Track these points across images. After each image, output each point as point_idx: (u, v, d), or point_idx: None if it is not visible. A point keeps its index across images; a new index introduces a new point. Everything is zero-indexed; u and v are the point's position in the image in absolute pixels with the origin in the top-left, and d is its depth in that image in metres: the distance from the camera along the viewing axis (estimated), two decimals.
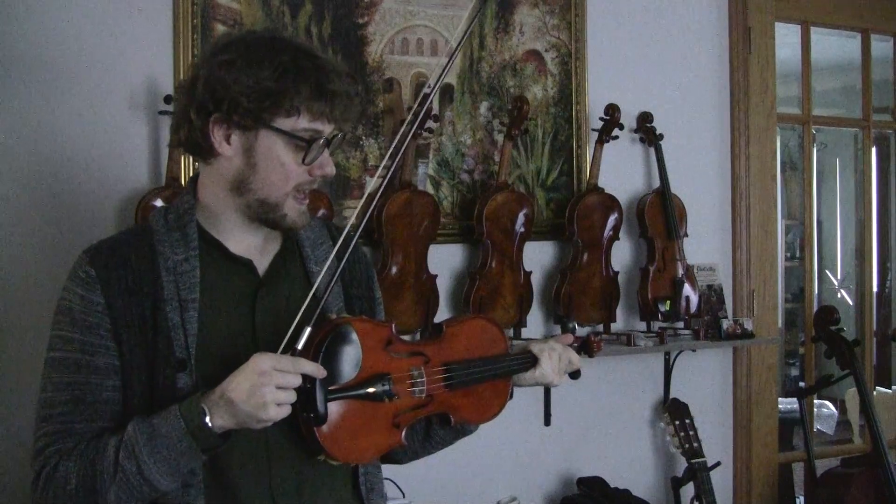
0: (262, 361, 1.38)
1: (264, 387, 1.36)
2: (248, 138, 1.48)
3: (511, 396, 1.77)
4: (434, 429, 1.71)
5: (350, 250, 1.51)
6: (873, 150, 4.01)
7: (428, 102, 1.74)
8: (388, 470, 2.63)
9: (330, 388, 1.44)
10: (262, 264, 1.58)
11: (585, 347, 1.87)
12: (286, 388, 1.38)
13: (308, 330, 1.42)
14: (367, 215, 1.57)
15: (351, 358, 1.47)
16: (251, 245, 1.57)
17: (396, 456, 1.76)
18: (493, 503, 2.84)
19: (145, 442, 1.39)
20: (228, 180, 1.52)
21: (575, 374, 1.84)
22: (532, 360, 1.75)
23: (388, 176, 1.63)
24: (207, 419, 1.38)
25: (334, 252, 1.54)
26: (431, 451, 1.77)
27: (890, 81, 4.00)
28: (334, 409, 1.45)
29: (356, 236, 1.53)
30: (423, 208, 2.74)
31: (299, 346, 1.42)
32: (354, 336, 1.48)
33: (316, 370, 1.41)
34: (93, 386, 1.46)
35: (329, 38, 2.73)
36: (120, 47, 2.47)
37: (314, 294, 1.50)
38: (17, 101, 2.39)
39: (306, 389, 1.41)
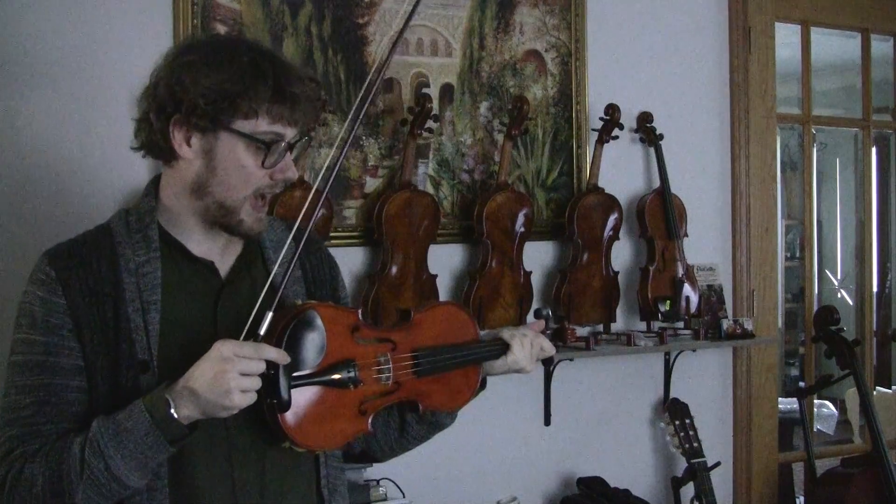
0: (224, 348, 1.37)
1: (227, 373, 1.35)
2: (208, 140, 1.48)
3: (483, 386, 1.75)
4: (409, 423, 1.71)
5: (302, 247, 1.49)
6: (873, 150, 4.01)
7: (380, 75, 1.68)
8: (388, 470, 2.64)
9: (294, 374, 1.42)
10: (223, 266, 1.57)
11: (559, 334, 1.85)
12: (250, 374, 1.37)
13: (270, 315, 1.41)
14: (316, 211, 1.54)
15: (315, 344, 1.45)
16: (213, 247, 1.56)
17: (373, 453, 1.76)
18: (492, 503, 2.84)
19: (111, 437, 1.38)
20: (188, 183, 1.51)
21: (547, 361, 1.82)
22: (503, 347, 1.73)
23: (342, 154, 1.60)
24: (172, 410, 1.37)
25: (284, 247, 1.54)
26: (408, 446, 1.76)
27: (890, 81, 4.00)
28: (298, 395, 1.44)
29: (309, 228, 1.51)
30: (423, 208, 2.74)
31: (262, 332, 1.41)
32: (319, 321, 1.46)
33: (279, 356, 1.39)
34: (58, 387, 1.45)
35: (329, 38, 2.73)
36: (120, 47, 2.47)
37: (273, 284, 1.49)
38: (15, 102, 2.39)
39: (269, 376, 1.39)
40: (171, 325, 1.49)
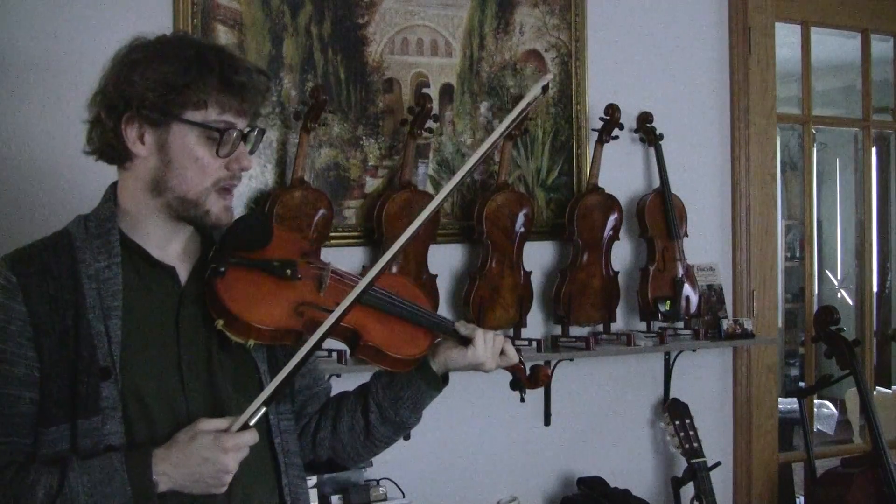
0: (222, 449, 1.41)
1: (229, 464, 1.42)
2: (161, 134, 1.48)
3: (446, 382, 1.74)
4: (373, 426, 1.71)
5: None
6: (873, 150, 4.01)
7: None
8: (388, 470, 2.65)
9: (236, 252, 1.54)
10: (183, 270, 1.57)
11: (533, 376, 1.82)
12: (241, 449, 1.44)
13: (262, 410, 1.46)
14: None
15: (258, 234, 1.58)
16: (173, 251, 1.57)
17: (340, 459, 1.75)
18: (492, 503, 2.84)
19: (85, 499, 1.38)
20: (146, 182, 1.51)
21: (516, 385, 1.79)
22: (459, 338, 1.72)
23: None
24: (156, 489, 1.40)
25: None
26: (374, 450, 1.76)
27: (890, 81, 4.01)
28: (237, 272, 1.52)
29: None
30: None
31: (251, 423, 1.45)
32: (269, 224, 1.61)
33: (252, 438, 1.45)
34: (10, 398, 1.43)
35: (329, 38, 2.73)
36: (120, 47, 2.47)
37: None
38: (15, 102, 2.39)
39: (218, 249, 1.54)
40: (133, 332, 1.48)
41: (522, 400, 1.82)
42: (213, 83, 1.47)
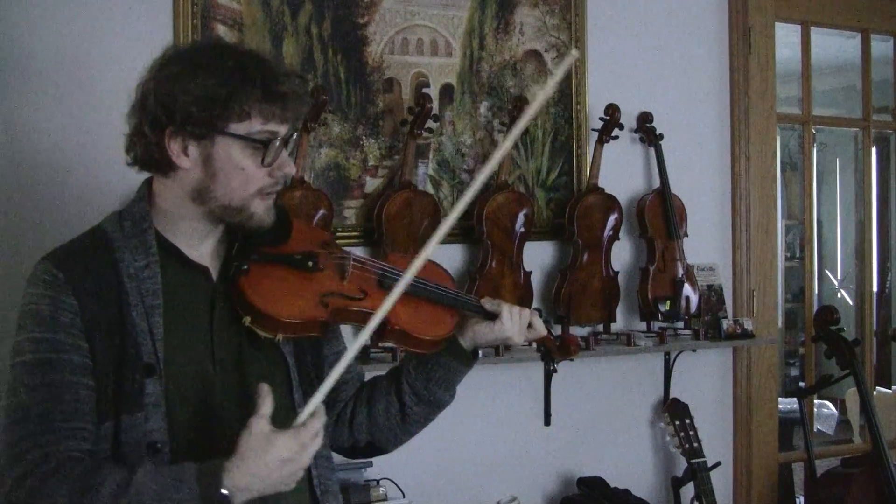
0: (301, 445, 1.41)
1: (307, 460, 1.43)
2: (205, 147, 1.49)
3: (476, 356, 1.75)
4: (408, 407, 1.73)
5: None
6: (873, 150, 4.01)
7: None
8: (388, 470, 2.64)
9: (257, 248, 1.56)
10: (215, 269, 1.60)
11: (563, 347, 1.85)
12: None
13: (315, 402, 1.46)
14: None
15: (279, 229, 1.57)
16: (205, 251, 1.59)
17: (379, 442, 1.77)
18: (492, 503, 2.84)
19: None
20: (189, 191, 1.52)
21: (546, 357, 1.83)
22: (486, 314, 1.74)
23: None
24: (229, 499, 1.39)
25: None
26: (412, 430, 1.78)
27: (890, 81, 4.00)
28: (261, 268, 1.54)
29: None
30: (423, 208, 2.74)
31: (301, 419, 1.44)
32: (287, 216, 1.60)
33: (321, 421, 1.45)
34: (68, 384, 1.44)
35: (329, 38, 2.73)
36: (120, 47, 2.47)
37: None
38: (14, 101, 2.39)
39: (240, 247, 1.56)
40: (172, 330, 1.50)
41: (555, 371, 1.85)
42: (256, 94, 1.47)
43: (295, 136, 1.57)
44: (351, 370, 1.79)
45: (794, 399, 3.44)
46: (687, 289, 3.11)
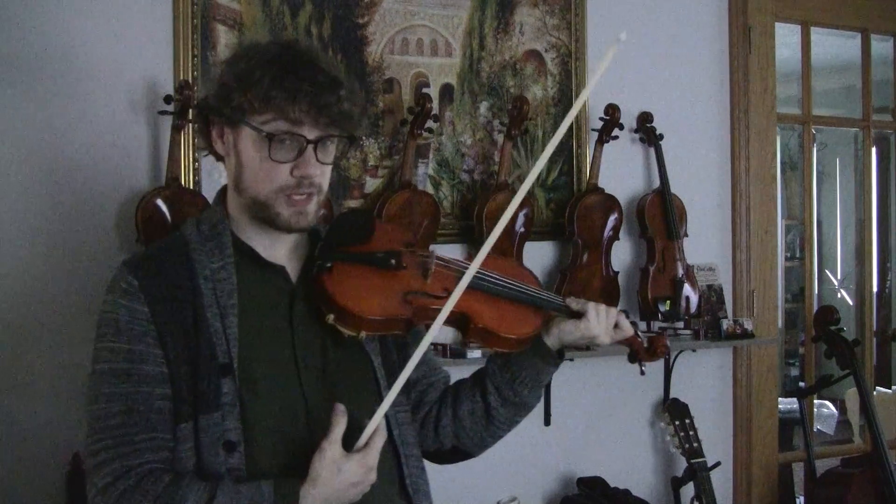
0: (368, 469, 1.46)
1: (373, 478, 1.47)
2: (234, 135, 1.54)
3: (562, 356, 1.73)
4: (493, 408, 1.73)
5: None
6: (873, 150, 4.01)
7: None
8: None
9: (340, 247, 1.57)
10: (294, 269, 1.61)
11: (651, 348, 1.81)
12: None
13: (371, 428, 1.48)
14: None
15: (361, 228, 1.61)
16: (282, 251, 1.60)
17: (465, 446, 1.77)
18: (492, 503, 2.84)
19: None
20: (231, 180, 1.58)
21: (633, 358, 1.82)
22: (571, 313, 1.72)
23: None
24: None
25: None
26: (498, 433, 1.77)
27: (890, 81, 4.00)
28: (343, 267, 1.55)
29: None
30: (423, 208, 2.74)
31: (363, 441, 1.48)
32: (371, 216, 1.62)
33: (382, 439, 1.49)
34: (144, 395, 1.46)
35: (329, 38, 2.73)
36: (120, 47, 2.47)
37: None
38: (16, 101, 2.39)
39: (322, 246, 1.57)
40: (249, 330, 1.52)
41: (643, 373, 1.84)
42: (268, 84, 1.48)
43: (325, 140, 1.53)
44: (435, 373, 1.80)
45: (794, 399, 3.44)
46: (687, 289, 3.11)
